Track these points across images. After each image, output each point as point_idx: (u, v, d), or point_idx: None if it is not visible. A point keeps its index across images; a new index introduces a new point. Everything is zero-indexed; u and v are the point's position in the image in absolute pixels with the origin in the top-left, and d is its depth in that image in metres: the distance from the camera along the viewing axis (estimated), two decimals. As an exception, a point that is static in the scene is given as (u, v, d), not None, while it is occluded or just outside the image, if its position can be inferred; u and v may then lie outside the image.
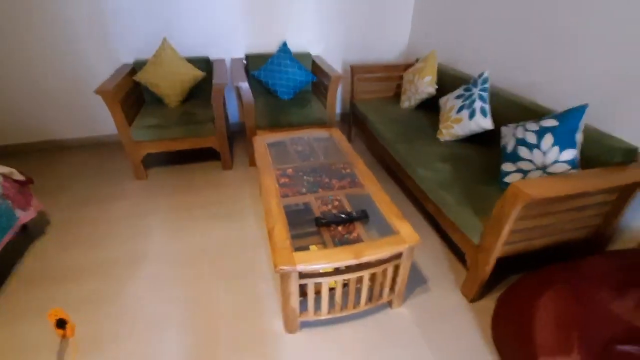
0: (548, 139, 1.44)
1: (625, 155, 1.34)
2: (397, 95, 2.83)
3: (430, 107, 2.50)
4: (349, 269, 1.25)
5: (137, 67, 2.51)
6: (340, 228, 1.38)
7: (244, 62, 2.80)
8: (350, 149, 1.96)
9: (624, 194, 1.39)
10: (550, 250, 1.51)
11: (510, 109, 1.87)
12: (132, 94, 2.43)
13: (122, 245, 1.85)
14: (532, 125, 1.53)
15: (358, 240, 1.31)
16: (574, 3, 1.64)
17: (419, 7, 2.95)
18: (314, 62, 2.83)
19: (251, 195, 2.27)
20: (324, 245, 1.34)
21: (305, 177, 1.72)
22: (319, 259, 1.18)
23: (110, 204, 2.18)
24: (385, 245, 1.25)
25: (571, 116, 1.42)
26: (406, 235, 1.30)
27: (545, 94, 1.86)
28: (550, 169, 1.42)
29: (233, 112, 3.11)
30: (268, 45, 2.87)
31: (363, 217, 1.39)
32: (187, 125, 2.30)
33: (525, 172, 1.52)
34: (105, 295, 1.56)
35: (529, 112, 1.77)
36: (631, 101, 1.45)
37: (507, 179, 1.59)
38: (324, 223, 1.36)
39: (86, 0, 2.37)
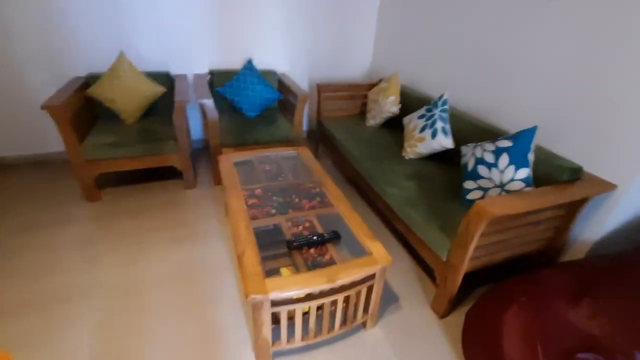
0: (504, 158, 1.54)
1: (572, 174, 1.47)
2: (362, 114, 2.91)
3: (394, 126, 2.59)
4: (322, 293, 1.22)
5: (90, 81, 2.35)
6: (312, 250, 1.35)
7: (208, 78, 2.73)
8: (318, 167, 1.95)
9: (571, 209, 1.51)
10: (510, 263, 1.59)
11: (469, 130, 1.99)
12: (84, 109, 2.26)
13: (69, 275, 1.67)
14: (489, 146, 1.63)
15: (331, 262, 1.29)
16: (523, 38, 1.81)
17: (381, 30, 3.08)
18: (280, 80, 2.83)
19: (216, 215, 2.18)
20: (296, 268, 1.30)
21: (274, 197, 1.68)
22: (293, 285, 1.14)
23: (57, 229, 1.97)
24: (359, 267, 1.24)
25: (523, 137, 1.54)
26: (378, 255, 1.30)
27: (500, 116, 2.00)
28: (508, 187, 1.51)
29: (195, 129, 3.00)
30: (233, 61, 2.83)
31: (335, 237, 1.38)
32: (147, 143, 2.17)
33: (485, 190, 1.61)
34: (48, 334, 1.38)
35: (485, 132, 1.89)
36: (575, 124, 1.60)
37: (469, 196, 1.67)
38: (296, 246, 1.32)
39: (32, 11, 2.20)
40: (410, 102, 2.47)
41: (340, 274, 1.20)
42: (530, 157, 1.53)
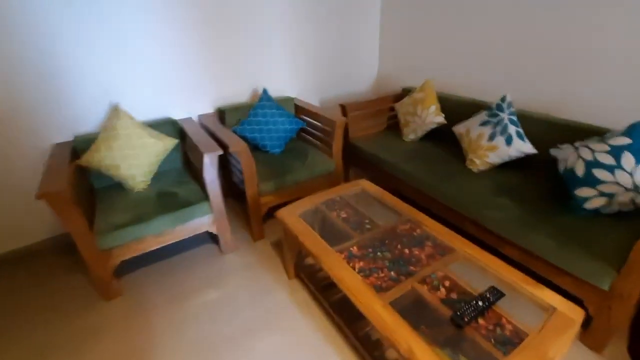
0: (628, 158, 1.37)
1: None
2: (390, 128, 2.67)
3: (437, 138, 2.38)
4: (527, 379, 0.93)
5: (79, 146, 1.85)
6: (481, 321, 1.05)
7: (219, 117, 2.33)
8: (398, 201, 1.67)
9: None
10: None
11: (541, 130, 1.82)
12: (80, 184, 1.76)
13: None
14: (600, 146, 1.46)
15: (518, 334, 1.00)
16: (581, 22, 1.68)
17: (386, 39, 2.89)
18: (297, 106, 2.51)
19: (278, 281, 1.79)
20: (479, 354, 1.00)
21: (378, 253, 1.36)
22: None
23: (79, 351, 1.46)
24: (555, 331, 0.97)
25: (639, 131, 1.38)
26: (565, 309, 1.04)
27: (567, 111, 1.86)
28: (645, 189, 1.34)
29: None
30: (241, 94, 2.45)
31: (498, 295, 1.10)
32: (173, 212, 1.72)
33: (610, 196, 1.42)
34: None
35: (564, 130, 1.74)
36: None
37: (587, 205, 1.48)
38: (467, 322, 1.02)
39: (-15, 68, 1.67)
40: (452, 109, 2.27)
41: (549, 350, 0.92)
42: (654, 151, 1.38)
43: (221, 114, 2.31)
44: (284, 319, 1.58)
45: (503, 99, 1.87)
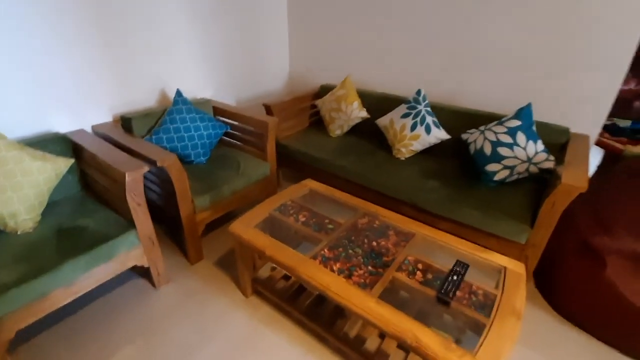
0: (520, 136, 1.73)
1: (566, 136, 1.79)
2: (313, 126, 2.69)
3: (360, 131, 2.51)
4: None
5: None
6: (459, 293, 1.17)
7: (123, 126, 1.92)
8: (349, 196, 1.70)
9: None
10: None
11: (450, 118, 2.13)
12: None
13: None
14: (499, 128, 1.80)
15: (489, 296, 1.16)
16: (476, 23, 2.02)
17: (295, 36, 2.89)
18: (215, 109, 2.28)
19: (234, 303, 1.62)
20: (471, 325, 1.11)
21: (350, 251, 1.36)
22: (505, 345, 0.96)
23: None
24: (515, 287, 1.16)
25: (525, 114, 1.75)
26: (512, 266, 1.25)
27: (463, 100, 2.22)
28: (535, 160, 1.71)
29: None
30: (144, 99, 2.09)
31: (465, 267, 1.24)
32: (86, 253, 1.35)
33: (511, 167, 1.76)
34: None
35: (466, 117, 2.07)
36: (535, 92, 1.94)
37: (496, 177, 1.80)
38: (452, 297, 1.12)
39: None
40: (372, 104, 2.43)
41: (516, 304, 1.09)
42: (534, 129, 1.76)
43: (126, 123, 1.91)
44: (253, 343, 1.44)
45: (418, 93, 2.10)
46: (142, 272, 1.79)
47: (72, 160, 1.56)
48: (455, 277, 1.18)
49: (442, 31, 2.15)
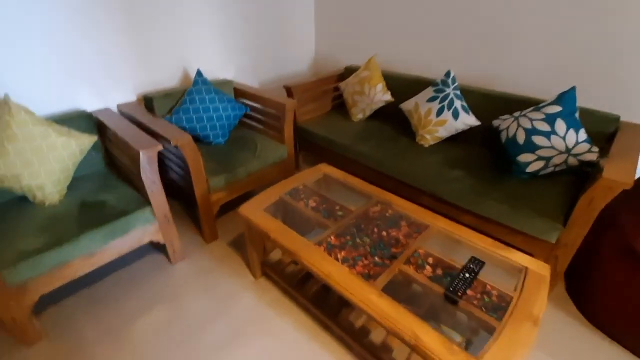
0: (560, 124, 1.54)
1: (616, 123, 1.57)
2: (336, 110, 2.61)
3: (384, 116, 2.40)
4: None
5: (-48, 155, 1.38)
6: (469, 292, 1.08)
7: (146, 106, 1.97)
8: (363, 183, 1.63)
9: None
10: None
11: (482, 103, 1.95)
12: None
13: None
14: (536, 114, 1.62)
15: (504, 298, 1.06)
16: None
17: (322, 15, 2.78)
18: (236, 90, 2.27)
19: (243, 284, 1.63)
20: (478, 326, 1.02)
21: (357, 239, 1.31)
22: (516, 352, 0.87)
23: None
24: (535, 289, 1.05)
25: (568, 99, 1.56)
26: (535, 267, 1.14)
27: (502, 83, 2.02)
28: (575, 151, 1.53)
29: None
30: (167, 79, 2.12)
31: (480, 265, 1.14)
32: (105, 225, 1.42)
33: (547, 159, 1.59)
34: None
35: (500, 102, 1.88)
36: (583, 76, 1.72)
37: (529, 169, 1.64)
38: (460, 296, 1.03)
39: None
40: (396, 86, 2.30)
41: (534, 309, 0.99)
42: (577, 116, 1.57)
43: (148, 102, 1.96)
44: (259, 323, 1.45)
45: (447, 74, 1.94)
46: (159, 248, 1.85)
47: (95, 138, 1.62)
48: (467, 275, 1.09)
49: (474, 6, 1.96)
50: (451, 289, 1.05)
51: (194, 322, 1.45)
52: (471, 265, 1.13)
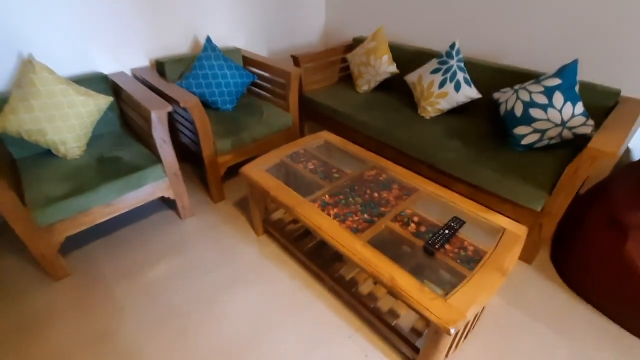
0: (558, 97, 1.56)
1: (616, 98, 1.58)
2: (342, 81, 2.65)
3: (389, 87, 2.43)
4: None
5: (-16, 108, 1.52)
6: (448, 246, 1.18)
7: (157, 70, 2.07)
8: (362, 149, 1.71)
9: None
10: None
11: (486, 76, 1.96)
12: (-5, 154, 1.48)
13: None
14: (535, 87, 1.63)
15: (479, 253, 1.15)
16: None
17: (332, -18, 2.76)
18: (244, 58, 2.33)
19: (247, 239, 1.77)
20: (451, 272, 1.12)
21: (350, 199, 1.40)
22: (480, 295, 0.97)
23: (31, 338, 1.32)
24: (507, 249, 1.14)
25: (568, 72, 1.56)
26: (512, 228, 1.21)
27: (509, 56, 2.02)
28: (570, 124, 1.55)
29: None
30: (178, 44, 2.19)
31: (461, 223, 1.23)
32: (121, 178, 1.56)
33: (542, 131, 1.62)
34: None
35: (505, 75, 1.89)
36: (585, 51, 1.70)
37: (524, 142, 1.68)
38: (438, 248, 1.13)
39: None
40: (402, 58, 2.31)
41: (505, 262, 1.08)
42: (577, 90, 1.58)
43: (160, 67, 2.05)
44: (259, 272, 1.59)
45: (452, 46, 1.95)
46: (170, 205, 2.00)
47: (111, 98, 1.73)
48: (447, 231, 1.18)
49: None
50: (430, 242, 1.14)
51: (201, 268, 1.61)
52: (452, 224, 1.22)
